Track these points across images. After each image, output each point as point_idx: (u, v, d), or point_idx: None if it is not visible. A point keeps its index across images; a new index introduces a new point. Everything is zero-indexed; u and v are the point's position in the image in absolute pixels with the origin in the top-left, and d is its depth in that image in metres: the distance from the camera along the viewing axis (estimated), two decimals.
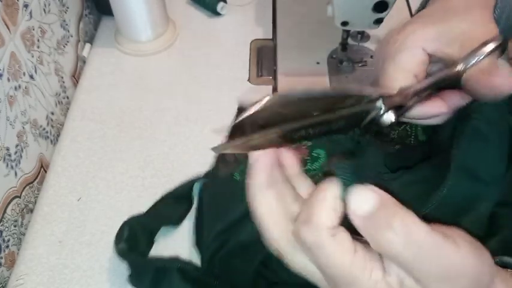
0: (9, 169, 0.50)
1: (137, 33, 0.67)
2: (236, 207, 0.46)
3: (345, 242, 0.25)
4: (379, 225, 0.23)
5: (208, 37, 0.71)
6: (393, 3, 0.50)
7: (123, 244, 0.45)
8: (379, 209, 0.23)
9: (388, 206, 0.23)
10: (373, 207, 0.23)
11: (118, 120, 0.60)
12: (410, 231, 0.22)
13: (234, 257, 0.44)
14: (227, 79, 0.65)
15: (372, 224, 0.23)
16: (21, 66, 0.53)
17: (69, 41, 0.67)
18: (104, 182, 0.54)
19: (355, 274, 0.24)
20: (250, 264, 0.43)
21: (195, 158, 0.55)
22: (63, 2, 0.65)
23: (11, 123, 0.50)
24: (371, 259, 0.25)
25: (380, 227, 0.23)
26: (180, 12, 0.74)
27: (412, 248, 0.22)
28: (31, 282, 0.47)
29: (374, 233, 0.23)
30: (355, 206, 0.24)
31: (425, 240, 0.22)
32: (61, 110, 0.64)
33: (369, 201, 0.23)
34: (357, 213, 0.24)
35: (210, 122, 0.59)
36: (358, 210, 0.24)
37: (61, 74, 0.64)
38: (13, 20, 0.51)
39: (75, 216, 0.51)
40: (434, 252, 0.22)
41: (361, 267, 0.24)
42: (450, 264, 0.22)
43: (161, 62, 0.68)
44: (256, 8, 0.75)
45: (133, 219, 0.48)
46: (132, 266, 0.45)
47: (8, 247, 0.50)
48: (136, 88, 0.64)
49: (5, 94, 0.49)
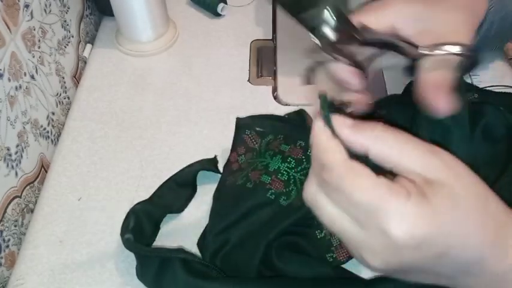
0: (10, 169, 0.50)
1: (138, 33, 0.67)
2: (237, 208, 0.46)
3: (364, 170, 0.27)
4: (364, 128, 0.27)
5: (208, 37, 0.71)
6: None
7: (129, 234, 0.45)
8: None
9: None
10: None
11: (119, 120, 0.60)
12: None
13: (235, 254, 0.44)
14: (227, 79, 0.65)
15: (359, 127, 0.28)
16: (22, 66, 0.53)
17: (70, 41, 0.67)
18: (105, 182, 0.54)
19: (383, 196, 0.26)
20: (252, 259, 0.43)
21: (195, 158, 0.55)
22: (64, 3, 0.65)
23: (11, 123, 0.51)
24: (394, 183, 0.26)
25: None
26: (180, 13, 0.74)
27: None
28: (31, 282, 0.47)
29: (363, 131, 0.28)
30: (344, 121, 0.28)
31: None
32: (62, 110, 0.64)
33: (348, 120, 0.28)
34: (346, 123, 0.28)
35: (210, 122, 0.59)
36: (344, 121, 0.28)
37: (62, 74, 0.64)
38: (14, 20, 0.52)
39: (75, 216, 0.52)
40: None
41: (388, 188, 0.26)
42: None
43: (162, 62, 0.68)
44: (256, 9, 0.75)
45: (139, 208, 0.49)
46: (138, 257, 0.45)
47: (8, 247, 0.50)
48: (136, 88, 0.64)
49: (6, 94, 0.50)
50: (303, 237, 0.45)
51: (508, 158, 0.44)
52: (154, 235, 0.49)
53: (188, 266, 0.43)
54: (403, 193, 0.26)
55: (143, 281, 0.45)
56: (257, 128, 0.53)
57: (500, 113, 0.46)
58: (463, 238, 0.26)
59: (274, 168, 0.47)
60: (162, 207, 0.50)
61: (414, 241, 0.25)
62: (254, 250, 0.43)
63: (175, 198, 0.51)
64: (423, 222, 0.25)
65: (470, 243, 0.26)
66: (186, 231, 0.50)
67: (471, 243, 0.26)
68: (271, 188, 0.46)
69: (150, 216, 0.49)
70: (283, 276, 0.43)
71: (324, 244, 0.45)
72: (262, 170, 0.47)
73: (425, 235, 0.25)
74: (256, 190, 0.46)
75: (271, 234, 0.43)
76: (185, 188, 0.52)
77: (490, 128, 0.45)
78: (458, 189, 0.26)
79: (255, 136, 0.53)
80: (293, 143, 0.49)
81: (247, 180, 0.48)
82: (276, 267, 0.42)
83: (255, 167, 0.49)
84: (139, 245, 0.45)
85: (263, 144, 0.51)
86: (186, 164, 0.54)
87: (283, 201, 0.45)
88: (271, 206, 0.45)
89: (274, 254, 0.43)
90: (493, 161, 0.44)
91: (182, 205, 0.52)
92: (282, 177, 0.46)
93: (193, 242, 0.49)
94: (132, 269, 0.47)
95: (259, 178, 0.47)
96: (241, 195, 0.47)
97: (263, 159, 0.49)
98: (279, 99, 0.62)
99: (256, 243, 0.43)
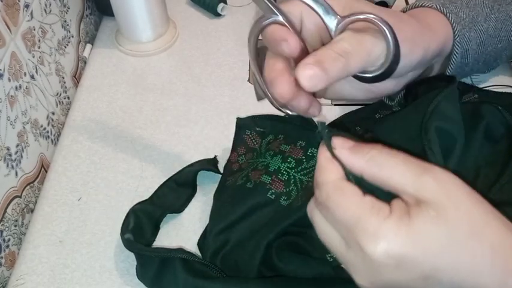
0: (10, 169, 0.50)
1: (138, 33, 0.67)
2: (237, 208, 0.46)
3: (351, 189, 0.27)
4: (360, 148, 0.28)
5: (208, 37, 0.71)
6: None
7: (129, 234, 0.45)
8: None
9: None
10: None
11: (118, 120, 0.60)
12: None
13: (236, 254, 0.44)
14: (227, 79, 0.65)
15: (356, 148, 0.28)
16: (22, 66, 0.53)
17: (70, 41, 0.67)
18: (105, 181, 0.54)
19: (363, 214, 0.26)
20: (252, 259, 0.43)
21: (195, 158, 0.55)
22: (64, 3, 0.65)
23: (11, 123, 0.51)
24: (379, 202, 0.27)
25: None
26: (180, 13, 0.74)
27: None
28: (31, 282, 0.47)
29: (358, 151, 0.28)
30: (342, 143, 0.29)
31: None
32: (62, 110, 0.64)
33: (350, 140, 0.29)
34: (345, 145, 0.29)
35: (210, 122, 0.59)
36: (343, 143, 0.29)
37: (62, 74, 0.64)
38: (14, 20, 0.52)
39: (75, 216, 0.52)
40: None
41: (370, 206, 0.26)
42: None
43: (161, 62, 0.68)
44: (256, 9, 0.75)
45: (138, 208, 0.49)
46: (138, 257, 0.45)
47: (8, 247, 0.50)
48: (136, 88, 0.64)
49: (6, 94, 0.50)
50: (303, 237, 0.45)
51: (508, 157, 0.44)
52: (154, 235, 0.49)
53: (188, 266, 0.43)
54: (384, 211, 0.26)
55: (143, 281, 0.45)
56: (257, 128, 0.53)
57: (499, 112, 0.46)
58: (453, 262, 0.25)
59: (274, 168, 0.47)
60: (162, 207, 0.50)
61: (391, 260, 0.25)
62: (254, 250, 0.43)
63: (175, 198, 0.51)
64: (401, 241, 0.25)
65: (462, 268, 0.25)
66: (186, 231, 0.50)
67: (463, 269, 0.25)
68: (272, 188, 0.46)
69: (150, 216, 0.49)
70: (283, 276, 0.43)
71: (324, 244, 0.45)
72: (263, 170, 0.48)
73: (404, 254, 0.25)
74: (257, 190, 0.46)
75: (272, 234, 0.43)
76: (185, 188, 0.52)
77: (490, 128, 0.45)
78: (450, 210, 0.25)
79: (255, 136, 0.53)
80: (293, 143, 0.49)
81: (247, 180, 0.48)
82: (276, 267, 0.42)
83: (255, 167, 0.49)
84: (139, 245, 0.45)
85: (263, 144, 0.51)
86: (186, 164, 0.54)
87: (283, 201, 0.45)
88: (272, 206, 0.45)
89: (274, 254, 0.43)
90: (494, 161, 0.44)
91: (182, 205, 0.52)
92: (282, 177, 0.46)
93: (193, 242, 0.49)
94: (132, 269, 0.47)
95: (259, 178, 0.47)
96: (241, 195, 0.47)
97: (263, 159, 0.49)
98: None
99: (257, 243, 0.43)
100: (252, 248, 0.43)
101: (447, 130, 0.39)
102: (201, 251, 0.48)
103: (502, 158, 0.45)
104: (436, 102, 0.40)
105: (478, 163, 0.45)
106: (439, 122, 0.39)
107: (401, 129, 0.42)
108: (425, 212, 0.25)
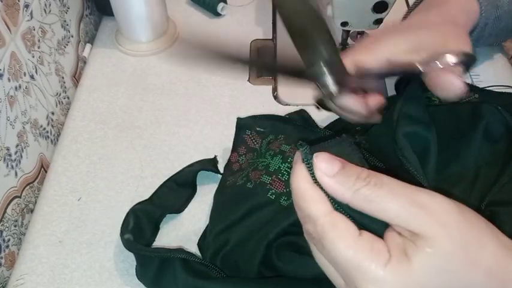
0: (10, 169, 0.50)
1: (137, 33, 0.67)
2: (237, 208, 0.46)
3: (346, 227, 0.26)
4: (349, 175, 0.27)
5: (208, 37, 0.71)
6: (393, 4, 0.50)
7: (129, 234, 0.45)
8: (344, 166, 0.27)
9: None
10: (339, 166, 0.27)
11: (118, 120, 0.60)
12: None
13: (236, 254, 0.44)
14: (227, 79, 0.65)
15: (343, 175, 0.27)
16: (21, 66, 0.53)
17: (69, 41, 0.67)
18: (104, 182, 0.54)
19: (362, 259, 0.25)
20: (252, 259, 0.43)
21: (195, 158, 0.55)
22: (63, 3, 0.65)
23: (11, 123, 0.51)
24: (377, 241, 0.26)
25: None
26: (180, 13, 0.74)
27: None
28: (31, 282, 0.47)
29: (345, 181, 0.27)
30: (325, 169, 0.27)
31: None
32: (61, 110, 0.64)
33: (335, 161, 0.27)
34: (329, 172, 0.27)
35: (210, 122, 0.59)
36: (327, 169, 0.27)
37: (62, 74, 0.64)
38: (14, 20, 0.52)
39: (75, 216, 0.52)
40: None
41: (368, 249, 0.25)
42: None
43: (162, 62, 0.68)
44: (256, 8, 0.75)
45: (138, 208, 0.49)
46: (137, 257, 0.45)
47: (8, 247, 0.50)
48: (136, 88, 0.64)
49: (6, 94, 0.50)
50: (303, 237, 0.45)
51: (508, 157, 0.44)
52: (154, 235, 0.49)
53: (188, 266, 0.43)
54: (383, 255, 0.25)
55: (143, 281, 0.45)
56: (258, 128, 0.53)
57: (499, 112, 0.46)
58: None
59: (274, 168, 0.47)
60: (162, 207, 0.50)
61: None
62: (254, 250, 0.43)
63: (175, 198, 0.51)
64: (401, 286, 0.25)
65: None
66: (186, 231, 0.50)
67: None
68: (272, 188, 0.46)
69: (150, 216, 0.49)
70: (283, 276, 0.42)
71: None
72: (263, 170, 0.47)
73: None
74: (257, 190, 0.46)
75: (272, 234, 0.43)
76: (185, 188, 0.52)
77: (490, 128, 0.45)
78: (445, 243, 0.25)
79: (255, 136, 0.53)
80: (294, 143, 0.49)
81: (247, 181, 0.48)
82: (276, 267, 0.42)
83: (256, 167, 0.49)
84: (139, 245, 0.45)
85: (264, 144, 0.51)
86: (186, 164, 0.54)
87: (283, 201, 0.45)
88: (272, 206, 0.45)
89: (274, 254, 0.42)
90: (493, 161, 0.44)
91: (182, 205, 0.52)
92: (283, 178, 0.46)
93: (193, 242, 0.49)
94: (132, 269, 0.47)
95: (259, 178, 0.47)
96: (241, 196, 0.47)
97: (264, 159, 0.49)
98: (279, 99, 0.62)
99: (257, 243, 0.43)
100: (252, 248, 0.43)
101: (416, 132, 0.40)
102: (201, 251, 0.48)
103: (502, 158, 0.45)
104: (398, 109, 0.41)
105: (478, 163, 0.45)
106: (405, 127, 0.40)
107: (385, 137, 0.43)
108: (421, 250, 0.25)
